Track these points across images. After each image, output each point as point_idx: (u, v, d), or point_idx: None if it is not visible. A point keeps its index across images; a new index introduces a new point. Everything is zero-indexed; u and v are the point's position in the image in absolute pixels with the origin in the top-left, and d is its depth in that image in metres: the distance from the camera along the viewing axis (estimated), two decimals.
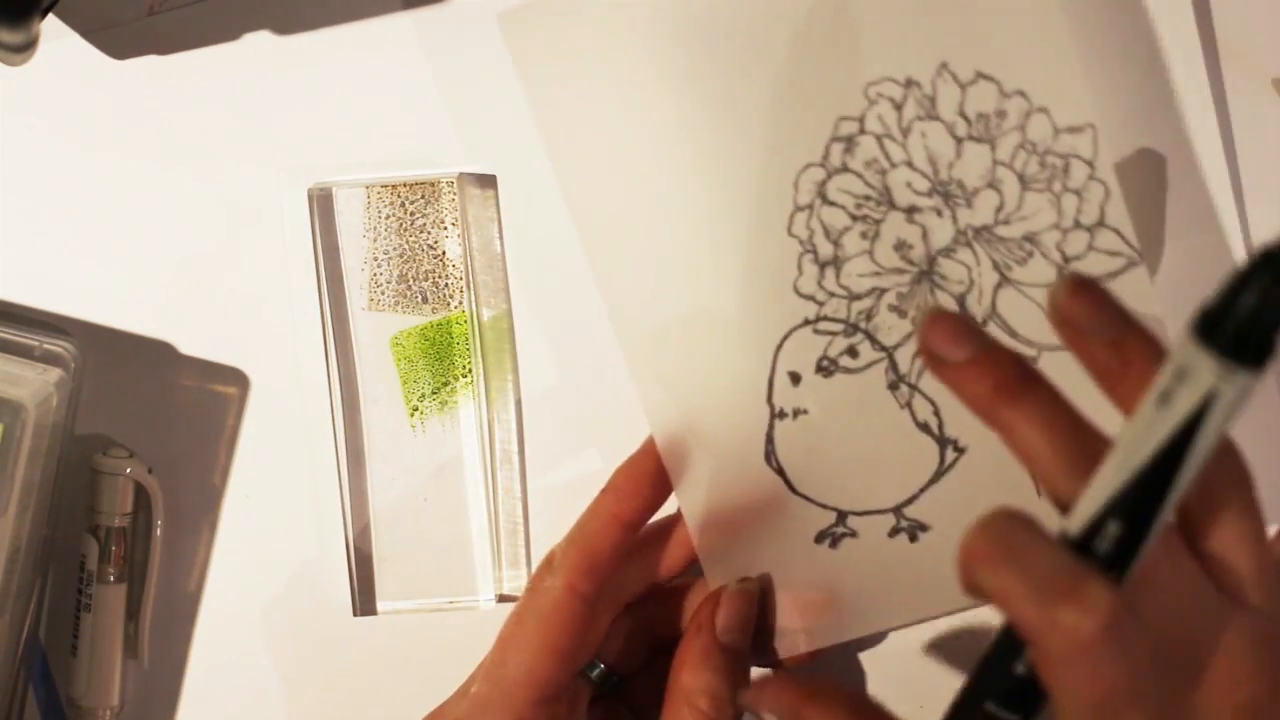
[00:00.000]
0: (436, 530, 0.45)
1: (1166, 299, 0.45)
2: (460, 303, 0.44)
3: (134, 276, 0.45)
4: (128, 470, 0.45)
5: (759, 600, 0.41)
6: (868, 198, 0.41)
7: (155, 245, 0.45)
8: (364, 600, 0.45)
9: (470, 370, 0.45)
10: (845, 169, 0.41)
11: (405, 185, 0.44)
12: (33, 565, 0.44)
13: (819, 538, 0.42)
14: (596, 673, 0.42)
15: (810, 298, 0.41)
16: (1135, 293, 0.39)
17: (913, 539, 0.41)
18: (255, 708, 0.46)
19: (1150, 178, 0.45)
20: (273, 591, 0.46)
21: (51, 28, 0.44)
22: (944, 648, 0.46)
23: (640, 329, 0.41)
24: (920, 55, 0.40)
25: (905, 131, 0.41)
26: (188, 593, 0.46)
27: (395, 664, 0.46)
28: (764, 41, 0.41)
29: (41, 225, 0.45)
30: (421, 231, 0.44)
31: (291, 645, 0.46)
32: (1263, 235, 0.45)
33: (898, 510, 0.41)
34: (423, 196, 0.44)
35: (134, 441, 0.45)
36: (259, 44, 0.45)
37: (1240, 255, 0.45)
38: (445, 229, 0.44)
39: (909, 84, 0.40)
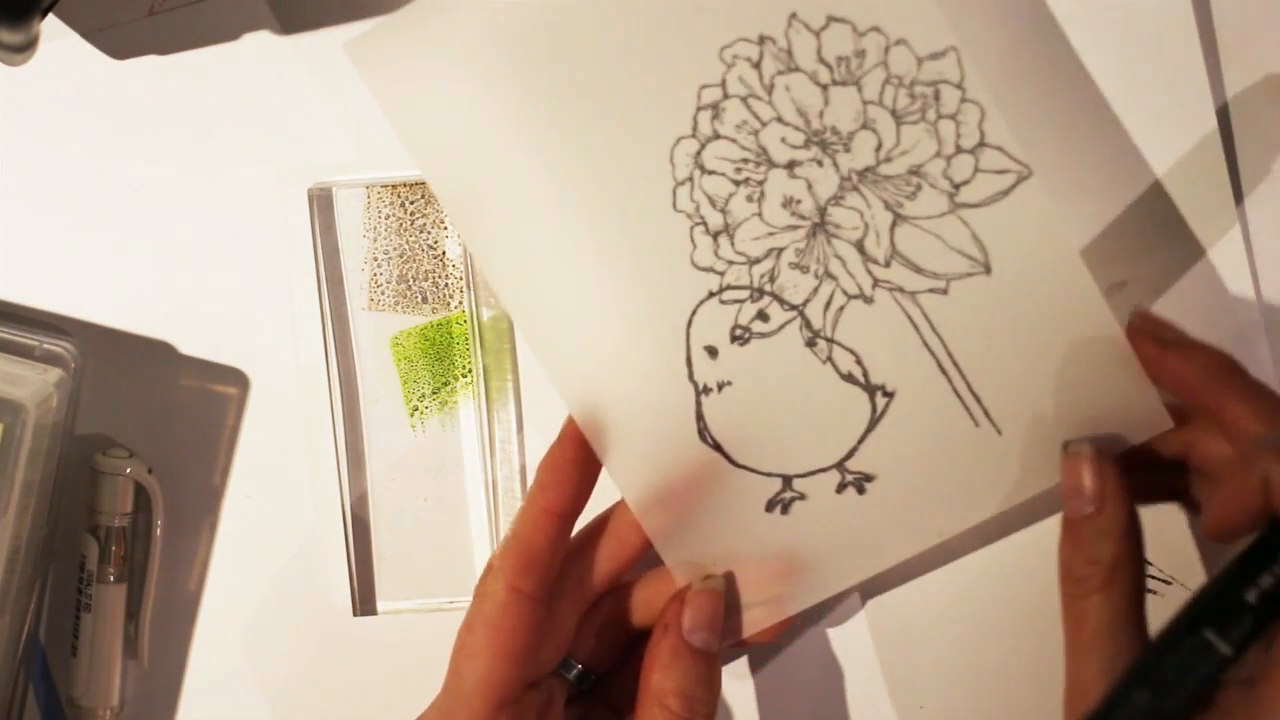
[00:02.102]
0: (436, 530, 0.45)
1: (1168, 298, 0.45)
2: (460, 303, 0.44)
3: (134, 276, 0.45)
4: (128, 470, 0.45)
5: (725, 596, 0.41)
6: (745, 160, 0.41)
7: (155, 245, 0.45)
8: (364, 600, 0.45)
9: (470, 370, 0.45)
10: (717, 136, 0.41)
11: (405, 185, 0.44)
12: (33, 565, 0.44)
13: (769, 506, 0.42)
14: (573, 672, 0.42)
15: (710, 269, 0.41)
16: (1029, 206, 0.39)
17: (861, 491, 0.41)
18: (255, 708, 0.46)
19: (1150, 177, 0.45)
20: (273, 591, 0.46)
21: (51, 28, 0.44)
22: (942, 647, 0.46)
23: (547, 328, 0.41)
24: (769, 10, 0.40)
25: (769, 88, 0.41)
26: (188, 593, 0.46)
27: (395, 664, 0.46)
28: (613, 26, 0.41)
29: (41, 225, 0.45)
30: (421, 231, 0.44)
31: (291, 645, 0.46)
32: (1263, 235, 0.45)
33: (840, 465, 0.41)
34: (422, 196, 0.44)
35: (134, 441, 0.46)
36: (259, 44, 0.45)
37: (1241, 255, 0.45)
38: (445, 229, 0.44)
39: (763, 40, 0.40)
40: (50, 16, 0.44)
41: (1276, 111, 0.45)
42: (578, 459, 0.40)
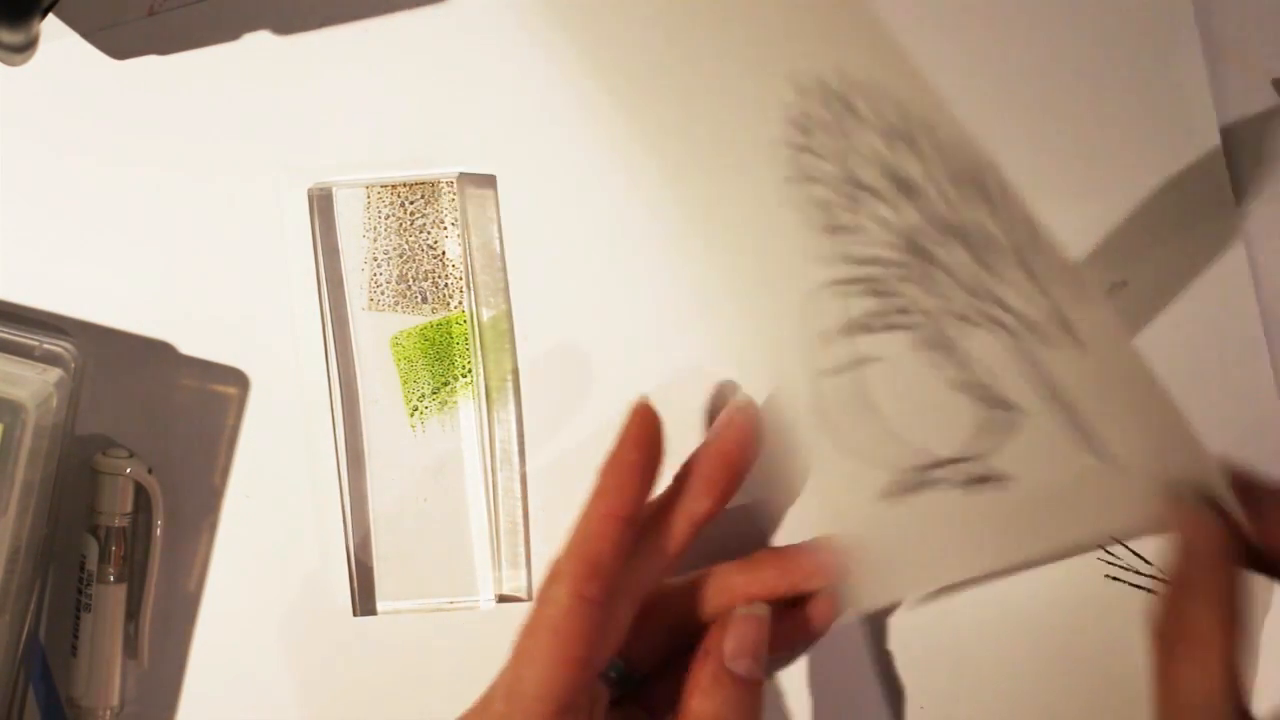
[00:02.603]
0: (436, 530, 0.45)
1: (1167, 299, 0.45)
2: (460, 303, 0.44)
3: (134, 276, 0.45)
4: (128, 470, 0.45)
5: (769, 624, 0.40)
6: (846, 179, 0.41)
7: (155, 245, 0.45)
8: (364, 600, 0.45)
9: (470, 370, 0.45)
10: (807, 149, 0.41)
11: (405, 185, 0.44)
12: (33, 565, 0.44)
13: (883, 494, 0.41)
14: (615, 673, 0.41)
15: (832, 259, 0.41)
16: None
17: (976, 492, 0.41)
18: (255, 708, 0.46)
19: (1150, 177, 0.45)
20: (273, 591, 0.46)
21: (51, 28, 0.44)
22: (943, 645, 0.46)
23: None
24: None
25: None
26: (188, 593, 0.46)
27: (395, 664, 0.46)
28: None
29: (41, 225, 0.45)
30: (421, 231, 0.44)
31: (291, 645, 0.46)
32: (1263, 235, 0.45)
33: (956, 463, 0.41)
34: (422, 196, 0.44)
35: (134, 441, 0.45)
36: (259, 44, 0.45)
37: (1241, 254, 0.45)
38: (445, 229, 0.44)
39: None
40: (50, 16, 0.44)
41: (1274, 111, 0.45)
42: (641, 462, 0.39)
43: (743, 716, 0.38)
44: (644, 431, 0.40)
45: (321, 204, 0.44)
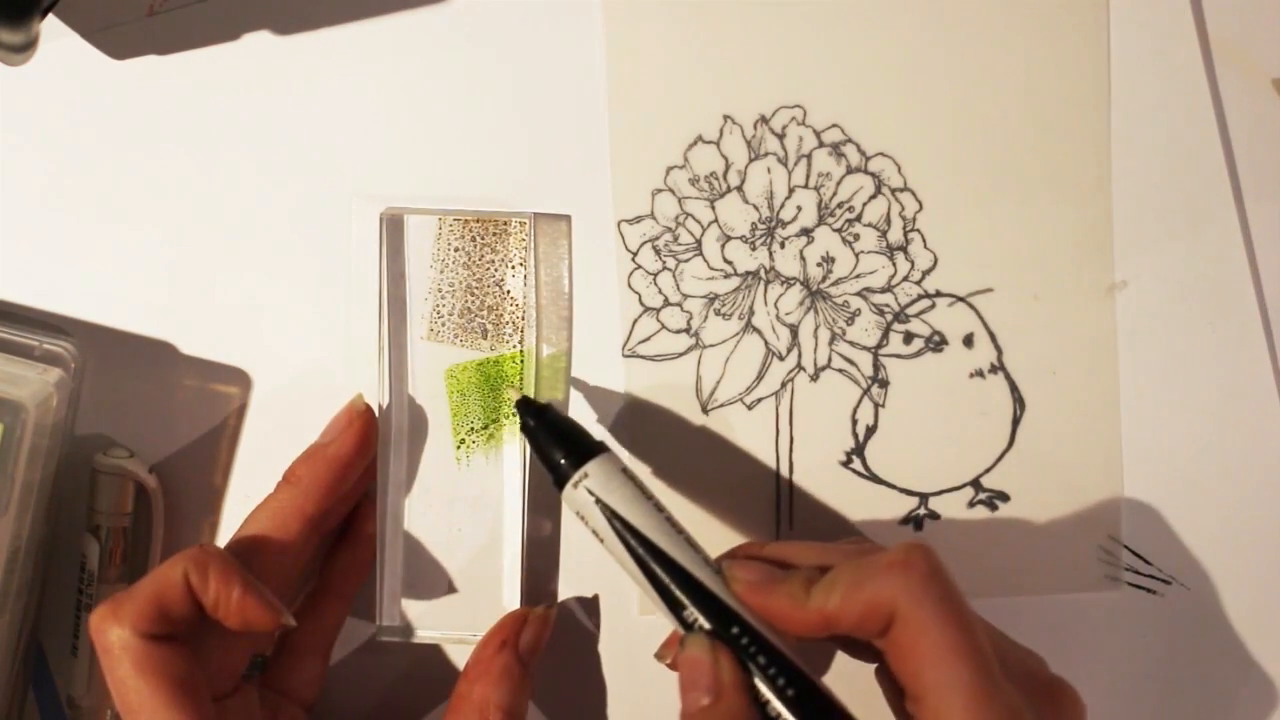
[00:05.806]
0: (466, 562, 0.45)
1: (1168, 298, 0.45)
2: (519, 341, 0.44)
3: (134, 276, 0.45)
4: (128, 470, 0.45)
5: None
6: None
7: (155, 245, 0.45)
8: (388, 622, 0.45)
9: None
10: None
11: (477, 220, 0.44)
12: (33, 565, 0.44)
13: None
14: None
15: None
16: None
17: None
18: None
19: (1150, 178, 0.45)
20: None
21: (51, 28, 0.44)
22: None
23: None
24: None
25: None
26: None
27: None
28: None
29: (41, 225, 0.45)
30: (489, 267, 0.44)
31: None
32: (1262, 235, 0.45)
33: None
34: (493, 232, 0.44)
35: (134, 441, 0.45)
36: (259, 44, 0.45)
37: (1241, 254, 0.45)
38: (512, 267, 0.44)
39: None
40: (50, 16, 0.44)
41: (1276, 111, 0.45)
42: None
43: (523, 702, 0.42)
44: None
45: (391, 229, 0.44)
